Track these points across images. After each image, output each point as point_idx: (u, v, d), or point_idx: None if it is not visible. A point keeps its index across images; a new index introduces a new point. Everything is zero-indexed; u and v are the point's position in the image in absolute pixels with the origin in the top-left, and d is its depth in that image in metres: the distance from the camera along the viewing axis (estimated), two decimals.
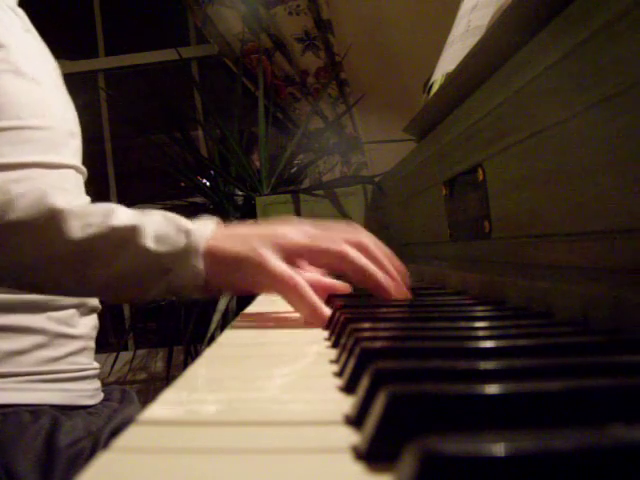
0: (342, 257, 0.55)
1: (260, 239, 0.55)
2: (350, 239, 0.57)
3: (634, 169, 0.36)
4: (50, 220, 0.57)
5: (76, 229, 0.57)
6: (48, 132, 0.80)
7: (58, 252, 0.57)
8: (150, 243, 0.55)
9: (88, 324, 0.84)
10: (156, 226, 0.57)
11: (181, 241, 0.55)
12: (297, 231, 0.56)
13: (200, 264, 0.55)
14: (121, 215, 0.58)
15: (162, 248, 0.55)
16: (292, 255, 0.55)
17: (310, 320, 0.52)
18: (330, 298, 0.59)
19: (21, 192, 0.60)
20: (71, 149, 0.86)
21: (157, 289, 0.57)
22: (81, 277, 0.59)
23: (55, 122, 0.82)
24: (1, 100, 0.75)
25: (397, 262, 0.61)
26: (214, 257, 0.55)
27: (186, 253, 0.55)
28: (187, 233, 0.56)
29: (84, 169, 0.89)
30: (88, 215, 0.58)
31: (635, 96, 0.35)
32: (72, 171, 0.84)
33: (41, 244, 0.58)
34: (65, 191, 0.81)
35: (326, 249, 0.55)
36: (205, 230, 0.57)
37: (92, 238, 0.56)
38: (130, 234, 0.56)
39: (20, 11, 0.88)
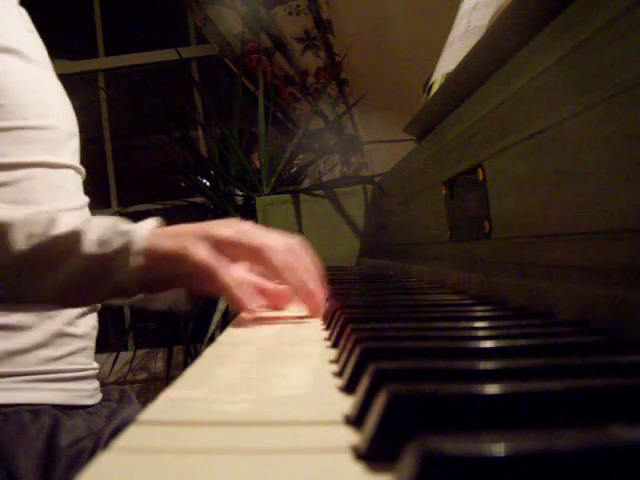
0: (259, 252, 0.57)
1: (192, 235, 0.58)
2: (278, 240, 0.59)
3: (634, 169, 0.36)
4: None
5: (20, 240, 0.58)
6: (51, 132, 0.81)
7: (4, 264, 0.58)
8: (91, 248, 0.57)
9: (88, 323, 0.84)
10: (96, 231, 0.58)
11: (120, 242, 0.58)
12: (227, 227, 0.59)
13: (140, 262, 0.57)
14: (63, 223, 0.59)
15: (103, 251, 0.57)
16: (219, 245, 0.57)
17: (238, 308, 0.55)
18: (330, 298, 0.59)
19: None
20: (71, 149, 0.86)
21: (105, 291, 0.59)
22: (31, 286, 0.60)
23: (57, 122, 0.83)
24: (7, 100, 0.76)
25: (318, 283, 0.61)
26: (152, 254, 0.58)
27: (126, 253, 0.57)
28: (126, 234, 0.58)
29: (83, 169, 0.89)
30: (31, 225, 0.58)
31: (635, 96, 0.35)
32: (71, 171, 0.85)
33: None
34: (65, 191, 0.82)
35: (247, 242, 0.57)
36: (142, 230, 0.59)
37: (35, 248, 0.57)
38: (72, 241, 0.57)
39: (23, 10, 0.88)
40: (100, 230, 0.58)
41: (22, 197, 0.75)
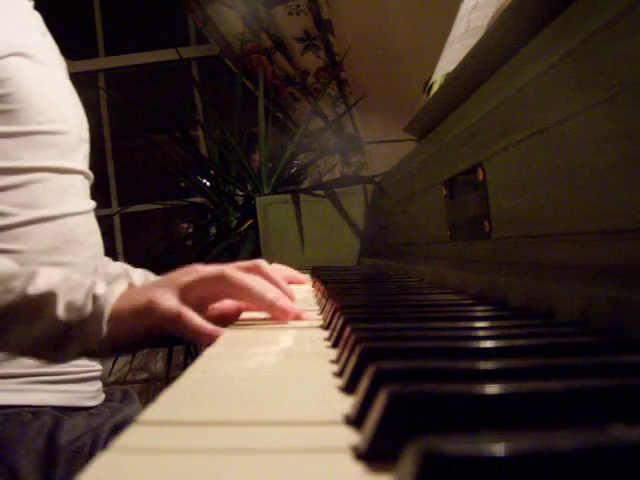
0: (220, 278, 0.58)
1: (157, 287, 0.59)
2: (241, 265, 0.62)
3: (634, 169, 0.36)
4: None
5: None
6: (64, 137, 0.81)
7: None
8: (59, 312, 0.57)
9: None
10: (68, 293, 0.59)
11: (87, 308, 0.58)
12: (188, 273, 0.59)
13: (103, 329, 0.57)
14: (40, 281, 0.59)
15: (70, 316, 0.58)
16: (186, 293, 0.58)
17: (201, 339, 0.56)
18: (330, 298, 0.59)
19: None
20: (81, 154, 0.87)
21: (71, 351, 0.59)
22: (5, 338, 0.60)
23: (70, 127, 0.83)
24: (21, 104, 0.76)
25: (289, 291, 0.65)
26: (117, 318, 0.58)
27: (91, 320, 0.58)
28: (94, 299, 0.59)
29: (91, 174, 0.90)
30: (10, 280, 0.59)
31: (635, 96, 0.35)
32: (80, 176, 0.85)
33: None
34: (73, 195, 0.82)
35: (207, 276, 0.58)
36: (111, 296, 0.59)
37: (10, 305, 0.58)
38: (43, 302, 0.58)
39: (37, 14, 0.88)
40: (72, 294, 0.58)
41: (30, 201, 0.75)
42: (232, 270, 0.59)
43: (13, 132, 0.75)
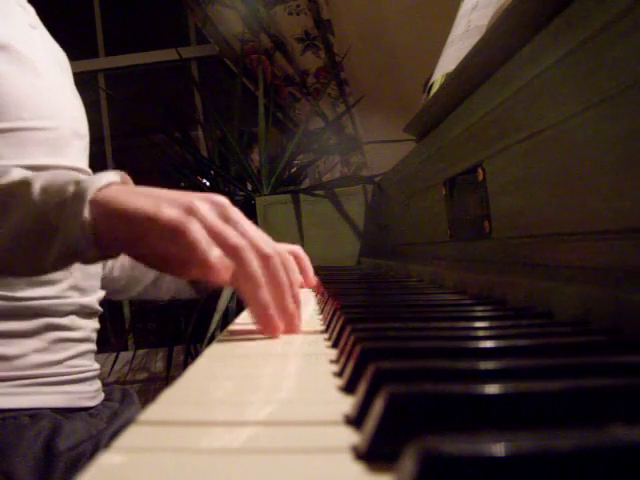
0: (236, 250, 0.47)
1: (166, 199, 0.48)
2: (266, 242, 0.49)
3: (634, 169, 0.36)
4: None
5: None
6: (51, 133, 0.78)
7: None
8: (36, 195, 0.50)
9: (88, 327, 0.83)
10: (46, 179, 0.51)
11: (68, 190, 0.50)
12: (211, 207, 0.49)
13: (85, 213, 0.49)
14: (14, 174, 0.53)
15: (47, 199, 0.50)
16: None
17: (202, 275, 0.46)
18: (330, 298, 0.59)
19: None
20: (76, 150, 0.83)
21: (52, 252, 0.51)
22: None
23: (60, 122, 0.80)
24: (3, 100, 0.73)
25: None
26: (105, 207, 0.49)
27: (71, 202, 0.49)
28: (76, 183, 0.50)
29: (89, 171, 0.87)
30: None
31: (635, 96, 0.35)
32: (75, 173, 0.83)
33: None
34: None
35: (231, 238, 0.47)
36: (99, 180, 0.50)
37: None
38: (17, 189, 0.51)
39: (29, 7, 0.85)
40: (51, 179, 0.51)
41: None
42: (252, 249, 0.47)
43: None
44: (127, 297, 1.08)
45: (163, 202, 0.48)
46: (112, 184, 0.52)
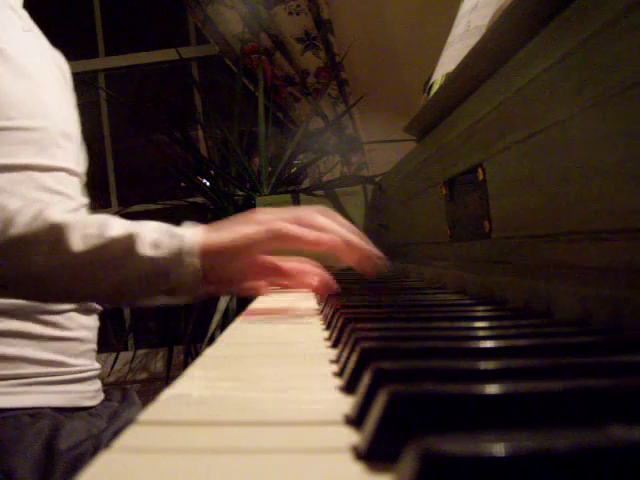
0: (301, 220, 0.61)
1: (249, 221, 0.61)
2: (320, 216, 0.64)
3: (634, 169, 0.36)
4: (50, 233, 0.59)
5: (77, 240, 0.58)
6: (39, 133, 0.78)
7: (62, 263, 0.59)
8: (148, 250, 0.59)
9: (87, 325, 0.83)
10: (151, 234, 0.60)
11: (176, 244, 0.59)
12: (289, 218, 0.61)
13: (196, 262, 0.59)
14: (116, 225, 0.60)
15: (159, 253, 0.59)
16: (279, 238, 0.60)
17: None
18: (330, 298, 0.59)
19: (16, 209, 0.61)
20: (65, 150, 0.83)
21: (160, 291, 0.60)
22: (86, 286, 0.61)
23: (48, 123, 0.80)
24: None
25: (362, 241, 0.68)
26: (209, 251, 0.60)
27: (182, 254, 0.59)
28: (180, 237, 0.60)
29: (78, 171, 0.86)
30: (85, 227, 0.59)
31: (635, 96, 0.35)
32: (63, 173, 0.82)
33: (45, 256, 0.59)
34: (58, 194, 0.80)
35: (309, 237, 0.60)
36: (196, 233, 0.61)
37: (93, 249, 0.58)
38: (129, 243, 0.58)
39: (22, 12, 0.86)
40: (153, 233, 0.60)
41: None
42: (289, 226, 0.60)
43: None
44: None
45: (248, 224, 0.61)
46: (204, 231, 0.62)
